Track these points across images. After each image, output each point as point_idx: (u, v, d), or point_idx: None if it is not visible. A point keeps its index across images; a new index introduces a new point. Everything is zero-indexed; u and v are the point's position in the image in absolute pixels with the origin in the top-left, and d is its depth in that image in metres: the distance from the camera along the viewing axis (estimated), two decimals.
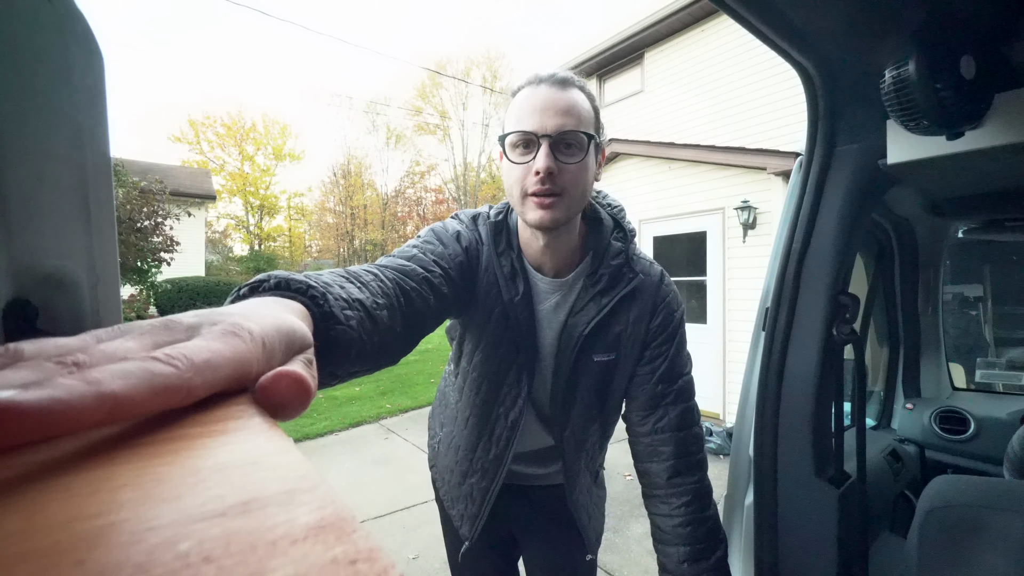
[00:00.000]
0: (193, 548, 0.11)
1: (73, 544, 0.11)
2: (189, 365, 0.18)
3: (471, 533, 0.87)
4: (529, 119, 0.65)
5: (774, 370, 0.98)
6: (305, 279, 0.37)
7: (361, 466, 3.70)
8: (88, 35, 0.27)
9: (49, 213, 0.26)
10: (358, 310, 0.42)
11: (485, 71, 23.94)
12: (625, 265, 0.77)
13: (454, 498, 0.91)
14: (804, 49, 0.82)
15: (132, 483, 0.14)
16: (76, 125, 0.27)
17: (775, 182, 4.30)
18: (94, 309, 0.28)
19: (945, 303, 1.73)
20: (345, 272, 0.47)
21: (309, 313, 0.35)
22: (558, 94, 0.65)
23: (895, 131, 0.83)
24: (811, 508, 0.94)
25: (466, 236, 0.74)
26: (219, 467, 0.15)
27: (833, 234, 0.95)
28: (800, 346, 0.96)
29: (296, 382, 0.21)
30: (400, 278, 0.56)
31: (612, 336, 0.77)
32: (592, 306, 0.75)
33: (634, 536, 2.59)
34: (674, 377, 0.80)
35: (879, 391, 1.72)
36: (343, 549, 0.12)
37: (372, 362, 0.47)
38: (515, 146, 0.67)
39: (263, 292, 0.35)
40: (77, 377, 0.15)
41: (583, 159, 0.66)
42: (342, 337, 0.38)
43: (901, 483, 1.41)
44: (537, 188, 0.65)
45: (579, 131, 0.65)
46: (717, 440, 3.83)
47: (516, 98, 0.69)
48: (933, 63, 0.67)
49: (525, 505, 0.95)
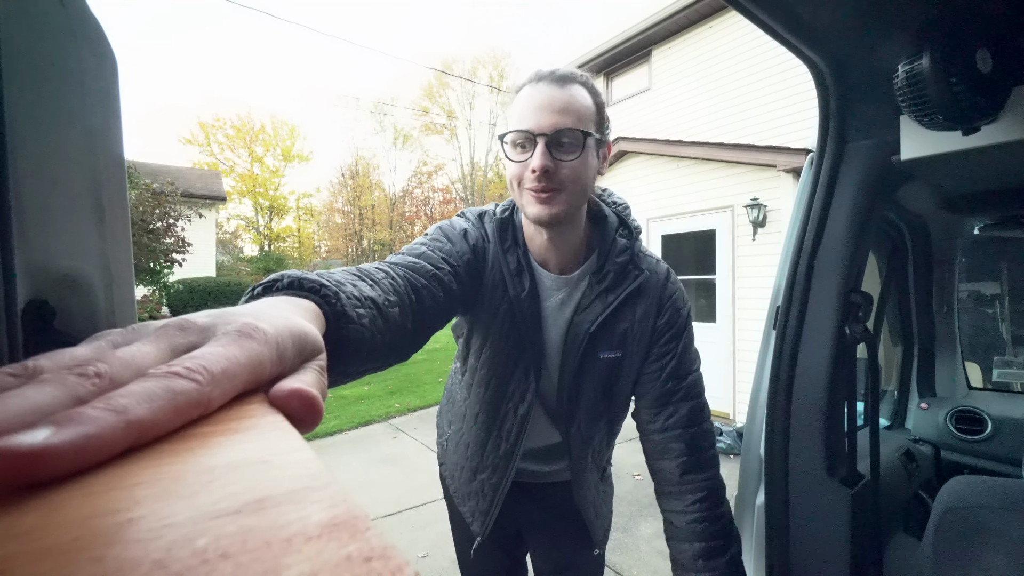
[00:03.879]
0: (210, 545, 0.11)
1: (91, 541, 0.11)
2: (209, 378, 0.18)
3: (482, 529, 0.88)
4: (527, 118, 0.66)
5: (785, 369, 0.97)
6: (318, 278, 0.37)
7: (370, 465, 3.72)
8: (101, 39, 0.28)
9: (64, 215, 0.26)
10: (370, 308, 0.42)
11: (491, 70, 23.95)
12: (630, 262, 0.77)
13: (465, 495, 0.91)
14: (814, 44, 0.81)
15: (148, 480, 0.14)
16: (89, 128, 0.27)
17: (785, 179, 4.25)
18: (109, 309, 0.28)
19: (960, 301, 1.70)
20: (357, 270, 0.48)
21: (322, 312, 0.35)
22: (556, 92, 0.66)
23: (908, 126, 0.82)
24: (823, 509, 0.93)
25: (473, 234, 0.75)
26: (233, 465, 0.15)
27: (845, 232, 0.93)
28: (811, 345, 0.95)
29: (307, 402, 0.21)
30: (411, 275, 0.56)
31: (618, 334, 0.77)
32: (598, 304, 0.76)
33: (643, 536, 2.58)
34: (683, 374, 0.80)
35: (893, 390, 1.70)
36: (357, 547, 0.12)
37: (383, 359, 0.47)
38: (514, 145, 0.68)
39: (276, 292, 0.35)
40: (104, 405, 0.15)
41: (580, 156, 0.67)
42: (354, 336, 0.39)
43: (916, 484, 1.38)
44: (534, 184, 0.66)
45: (576, 129, 0.66)
46: (727, 440, 3.80)
47: (518, 96, 0.70)
48: (948, 57, 0.66)
49: (532, 502, 0.96)
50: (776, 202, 4.33)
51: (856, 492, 0.92)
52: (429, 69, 25.50)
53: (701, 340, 4.87)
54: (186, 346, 0.21)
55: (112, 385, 0.17)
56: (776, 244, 4.15)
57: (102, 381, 0.17)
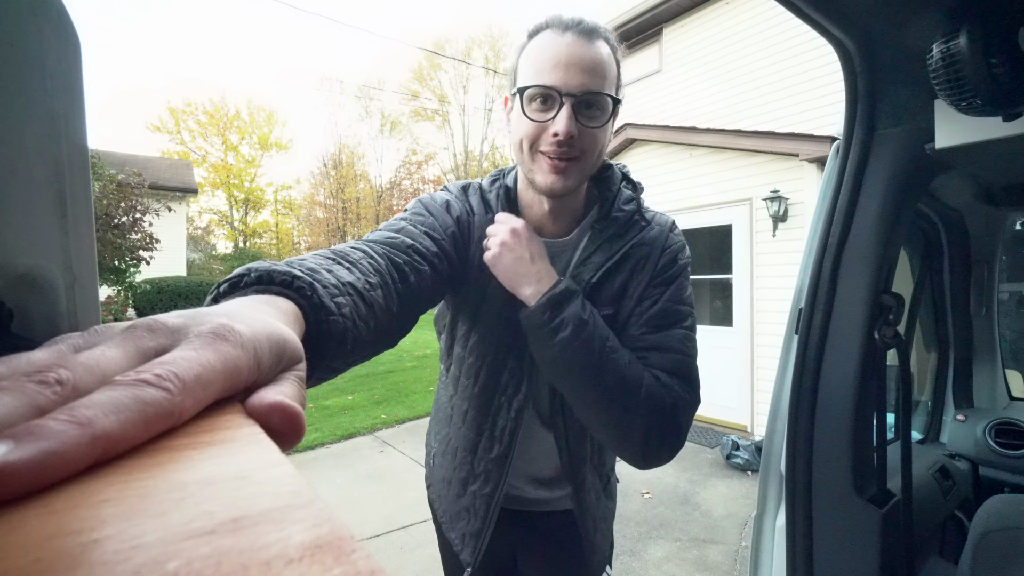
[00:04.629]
0: (182, 568, 0.11)
1: (54, 563, 0.11)
2: (180, 387, 0.18)
3: (473, 557, 0.85)
4: (552, 73, 0.64)
5: (808, 377, 0.97)
6: (289, 269, 0.37)
7: (354, 481, 3.72)
8: (64, 18, 0.28)
9: (23, 209, 0.26)
10: (350, 295, 0.42)
11: (488, 51, 23.98)
12: (637, 212, 0.78)
13: (453, 515, 0.89)
14: (842, 22, 0.81)
15: (115, 498, 0.14)
16: (51, 115, 0.27)
17: (808, 170, 4.26)
18: (71, 311, 0.28)
19: (1001, 303, 1.70)
20: (331, 252, 0.47)
21: (298, 308, 0.35)
22: (585, 47, 0.65)
23: (944, 112, 0.82)
24: (850, 530, 0.93)
25: (456, 206, 0.75)
26: (207, 481, 0.15)
27: (874, 227, 0.94)
28: (837, 351, 0.96)
29: (290, 417, 0.22)
30: (391, 252, 0.56)
31: (617, 287, 0.76)
32: (599, 255, 0.75)
33: (652, 560, 2.59)
34: (663, 325, 0.73)
35: (926, 401, 1.70)
36: (342, 570, 0.12)
37: (371, 348, 0.47)
38: (532, 99, 0.66)
39: (244, 288, 0.35)
40: (66, 417, 0.15)
41: (605, 123, 0.67)
42: (336, 328, 0.39)
43: (952, 503, 1.39)
44: (553, 150, 0.65)
45: (604, 93, 0.65)
46: (744, 455, 3.81)
47: (535, 42, 0.68)
48: (987, 36, 0.66)
49: (529, 530, 0.94)
50: (799, 195, 4.34)
51: (886, 512, 0.92)
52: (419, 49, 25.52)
53: (716, 345, 4.92)
54: (155, 349, 0.21)
55: (75, 393, 0.17)
56: (799, 240, 4.15)
57: (64, 389, 0.17)
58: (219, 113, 21.86)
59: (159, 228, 8.75)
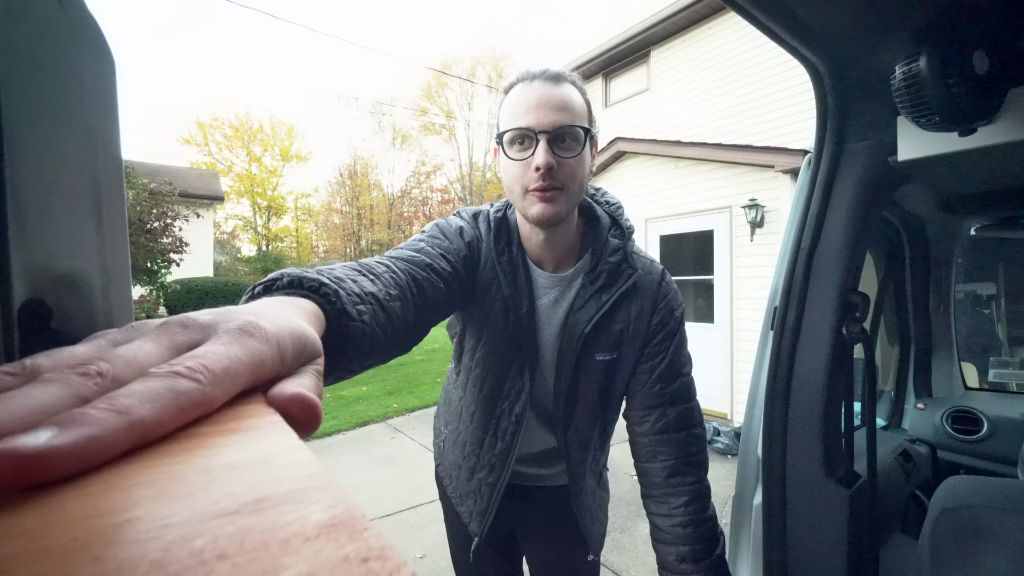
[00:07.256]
0: (207, 545, 0.11)
1: (90, 541, 0.11)
2: (211, 378, 0.18)
3: (480, 529, 0.88)
4: (525, 116, 0.66)
5: (783, 369, 0.97)
6: (317, 276, 0.37)
7: (368, 465, 3.72)
8: (99, 39, 0.28)
9: (62, 215, 0.26)
10: (371, 304, 0.43)
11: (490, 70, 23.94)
12: (624, 262, 0.78)
13: (463, 494, 0.91)
14: (812, 45, 0.81)
15: (147, 481, 0.14)
16: (88, 128, 0.27)
17: (783, 180, 4.26)
18: (106, 309, 0.28)
19: (957, 302, 1.70)
20: (358, 265, 0.48)
21: (322, 311, 0.35)
22: (552, 90, 0.66)
23: (906, 128, 0.82)
24: (821, 509, 0.93)
25: (468, 232, 0.76)
26: (231, 465, 0.15)
27: (843, 232, 0.94)
28: (809, 345, 0.96)
29: (309, 407, 0.21)
30: (411, 268, 0.57)
31: (614, 335, 0.77)
32: (592, 304, 0.76)
33: (641, 536, 2.58)
34: (673, 376, 0.80)
35: (890, 391, 1.70)
36: (355, 547, 0.12)
37: (385, 353, 0.48)
38: (512, 143, 0.68)
39: (276, 291, 0.35)
40: (106, 405, 0.15)
41: (580, 153, 0.67)
42: (355, 332, 0.39)
43: (912, 483, 1.39)
44: (538, 184, 0.66)
45: (575, 125, 0.66)
46: (725, 440, 3.81)
47: (510, 95, 0.70)
48: (945, 58, 0.66)
49: (528, 505, 0.96)
50: (774, 203, 4.34)
51: (853, 492, 0.92)
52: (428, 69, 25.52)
53: (699, 340, 4.92)
54: (187, 344, 0.21)
55: (114, 384, 0.17)
56: (774, 244, 4.16)
57: (104, 380, 0.17)
58: (244, 127, 21.81)
59: (188, 233, 8.74)
